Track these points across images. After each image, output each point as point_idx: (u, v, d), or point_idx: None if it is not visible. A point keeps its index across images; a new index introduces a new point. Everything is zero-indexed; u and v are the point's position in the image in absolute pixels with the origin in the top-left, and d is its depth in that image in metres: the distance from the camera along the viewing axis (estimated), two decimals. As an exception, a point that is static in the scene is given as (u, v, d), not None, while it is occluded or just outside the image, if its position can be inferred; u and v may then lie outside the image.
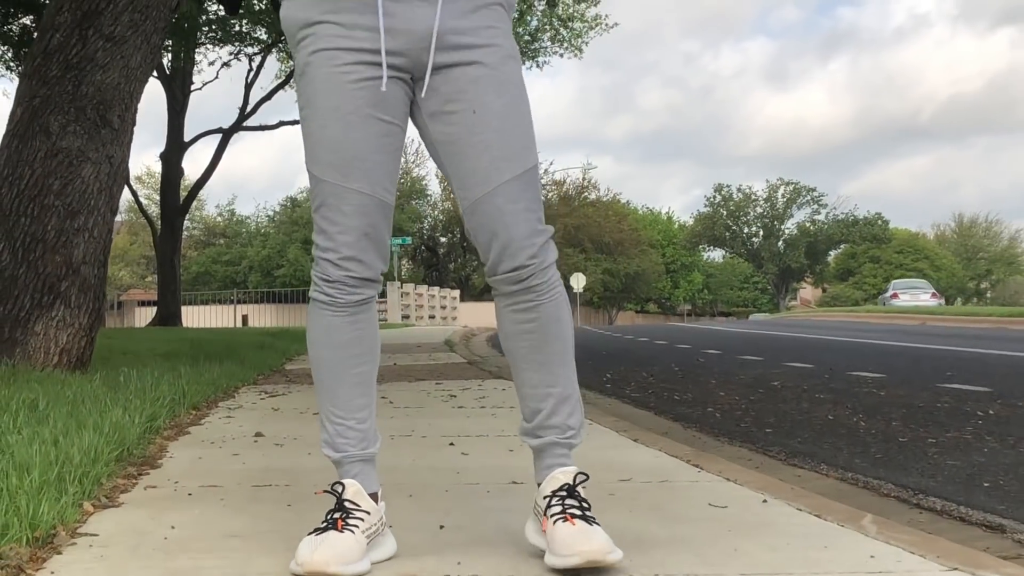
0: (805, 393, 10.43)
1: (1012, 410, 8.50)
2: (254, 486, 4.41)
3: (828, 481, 5.89)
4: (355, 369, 3.09)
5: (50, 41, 8.71)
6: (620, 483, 4.51)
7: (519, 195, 2.98)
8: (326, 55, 2.95)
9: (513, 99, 3.00)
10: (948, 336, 23.64)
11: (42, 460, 3.96)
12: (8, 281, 8.48)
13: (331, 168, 2.97)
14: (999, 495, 5.26)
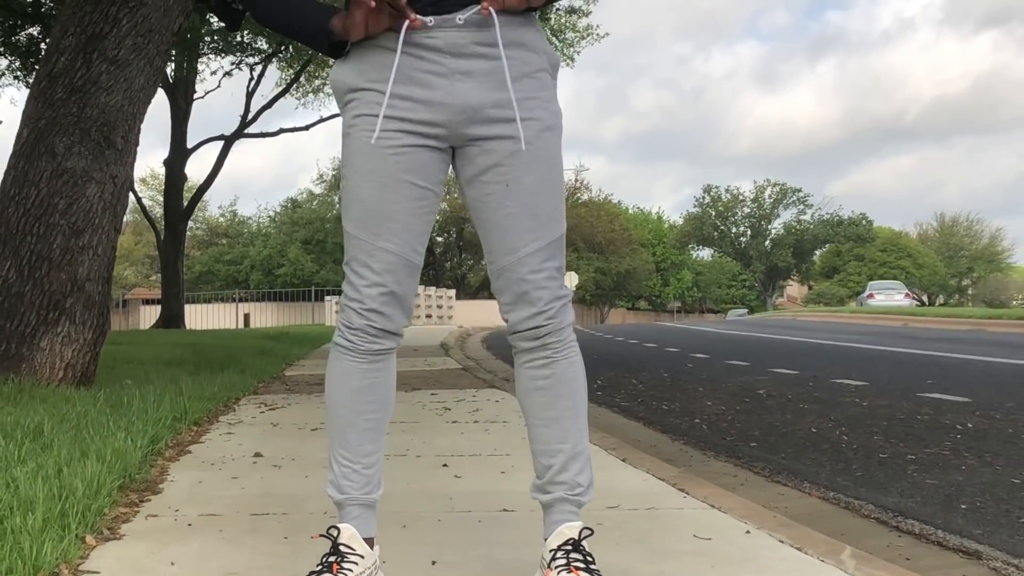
0: (789, 403, 10.43)
1: (989, 423, 8.48)
2: (252, 515, 4.39)
3: (811, 500, 5.92)
4: (367, 416, 3.10)
5: (56, 64, 8.72)
6: (608, 511, 4.50)
7: (543, 264, 3.02)
8: (367, 120, 2.97)
9: (545, 173, 3.03)
10: (928, 339, 23.57)
11: (46, 495, 3.96)
12: (14, 298, 8.48)
13: (363, 227, 2.99)
14: (976, 518, 5.26)
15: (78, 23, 8.73)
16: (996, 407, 9.52)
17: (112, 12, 8.69)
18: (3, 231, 8.62)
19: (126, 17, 8.70)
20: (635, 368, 16.57)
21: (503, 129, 2.97)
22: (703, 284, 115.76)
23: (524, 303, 3.02)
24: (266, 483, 5.17)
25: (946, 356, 17.18)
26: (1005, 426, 8.27)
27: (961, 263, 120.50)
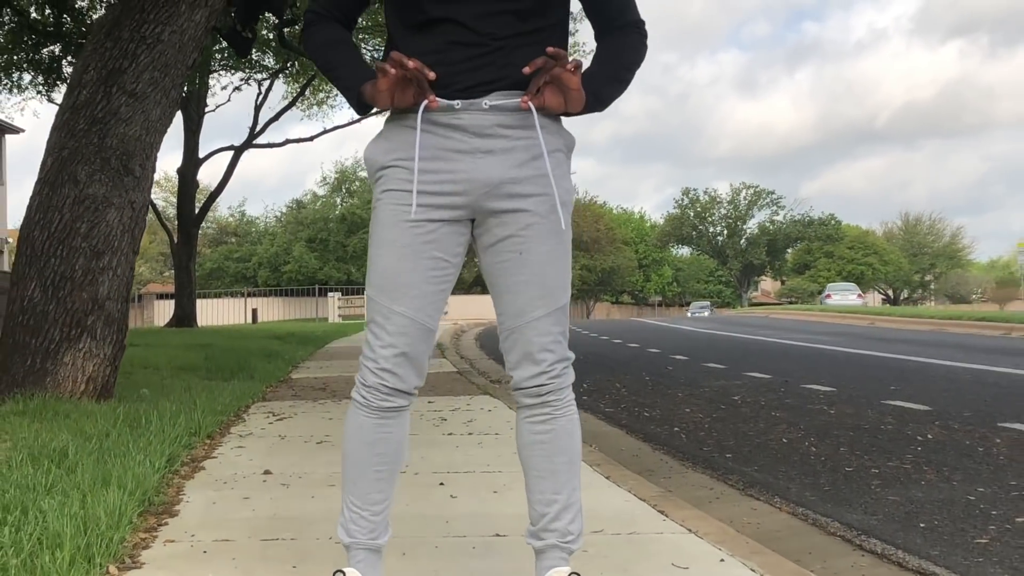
0: (762, 410, 10.44)
1: (949, 433, 8.48)
2: (263, 540, 4.42)
3: (781, 516, 5.94)
4: (377, 467, 3.14)
5: (78, 97, 8.74)
6: (593, 535, 4.51)
7: (549, 328, 3.07)
8: (393, 195, 3.03)
9: (555, 246, 3.08)
10: (893, 341, 23.56)
11: (72, 528, 4.00)
12: (39, 316, 8.51)
13: (382, 292, 3.04)
14: (934, 537, 5.28)
15: (99, 59, 8.76)
16: (954, 416, 9.53)
17: (131, 48, 8.71)
18: (29, 253, 8.65)
19: (144, 53, 8.72)
20: (619, 371, 16.56)
21: (520, 203, 3.03)
22: (683, 279, 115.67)
23: (530, 362, 3.07)
24: (275, 504, 5.19)
25: (909, 360, 17.14)
26: (963, 437, 8.28)
27: (924, 260, 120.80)
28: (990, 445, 7.87)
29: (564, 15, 3.11)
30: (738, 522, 5.77)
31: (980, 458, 7.37)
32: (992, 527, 5.41)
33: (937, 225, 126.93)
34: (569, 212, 3.14)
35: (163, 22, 8.78)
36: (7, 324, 8.68)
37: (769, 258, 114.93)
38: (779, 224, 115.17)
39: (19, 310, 8.59)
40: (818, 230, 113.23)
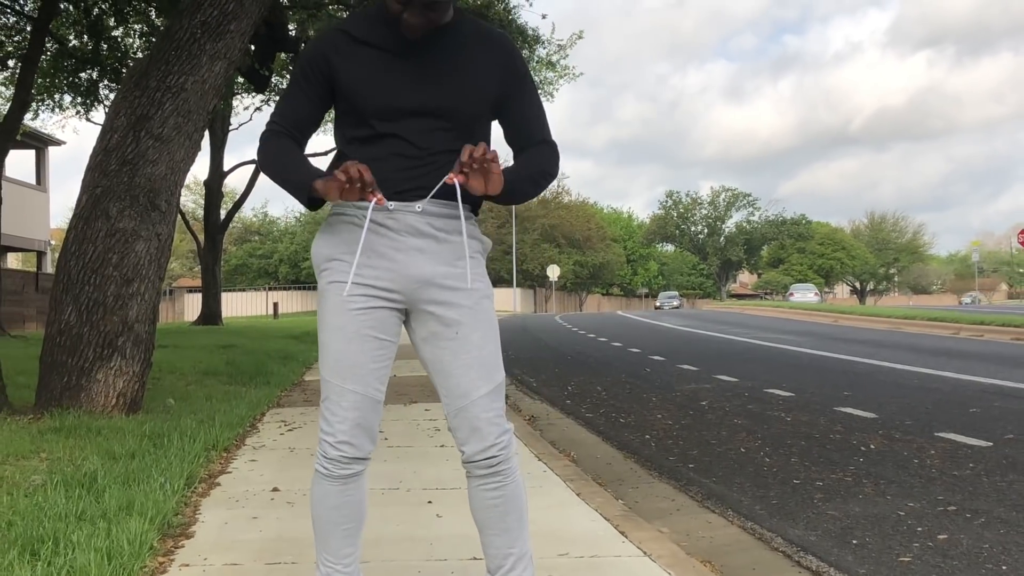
0: (726, 417, 10.49)
1: (890, 443, 8.52)
2: (266, 564, 4.54)
3: (732, 530, 5.99)
4: (343, 526, 3.29)
5: (109, 140, 8.87)
6: (558, 559, 4.63)
7: (490, 405, 3.22)
8: (337, 286, 3.18)
9: (488, 331, 3.24)
10: (852, 341, 23.56)
11: (98, 559, 4.13)
12: (75, 338, 8.65)
13: (334, 372, 3.19)
14: (863, 555, 5.32)
15: (129, 106, 8.88)
16: (897, 424, 9.56)
17: (157, 97, 8.84)
18: (65, 281, 8.78)
19: (169, 101, 8.85)
20: (601, 372, 16.61)
21: (450, 296, 3.18)
22: (667, 273, 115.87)
23: (477, 437, 3.21)
24: (280, 524, 5.30)
25: (863, 363, 17.14)
26: (902, 448, 8.31)
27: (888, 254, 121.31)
28: (924, 456, 7.91)
29: (486, 136, 3.28)
30: (694, 535, 5.87)
31: (914, 470, 7.41)
32: (916, 544, 5.46)
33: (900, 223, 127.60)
34: (492, 303, 3.31)
35: (186, 73, 8.90)
36: (46, 345, 8.82)
37: (746, 255, 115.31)
38: (755, 224, 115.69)
39: (56, 332, 8.73)
40: (790, 229, 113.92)
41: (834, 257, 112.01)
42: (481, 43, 3.22)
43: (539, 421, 10.39)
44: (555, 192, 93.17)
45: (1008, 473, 7.24)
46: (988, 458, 7.81)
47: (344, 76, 3.17)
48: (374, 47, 3.16)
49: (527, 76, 3.31)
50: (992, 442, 8.47)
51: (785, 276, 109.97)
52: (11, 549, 4.32)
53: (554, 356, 20.72)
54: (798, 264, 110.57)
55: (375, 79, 3.14)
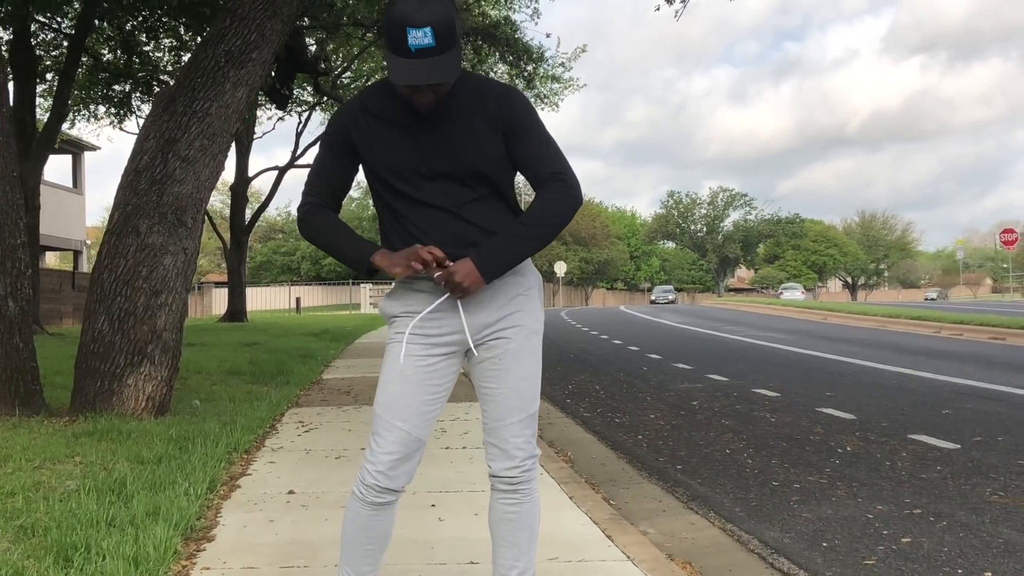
0: (715, 417, 10.55)
1: (865, 445, 8.56)
2: (281, 567, 4.65)
3: (713, 532, 6.06)
4: (367, 546, 3.43)
5: (140, 161, 9.01)
6: (548, 563, 4.73)
7: (522, 431, 3.38)
8: (401, 337, 3.34)
9: (529, 365, 3.39)
10: (838, 340, 23.50)
11: (125, 566, 4.27)
12: (107, 345, 8.79)
13: (386, 409, 3.34)
14: (832, 557, 5.39)
15: (158, 129, 9.02)
16: (873, 426, 9.60)
17: (184, 121, 8.98)
18: (99, 292, 8.92)
19: (195, 125, 8.98)
20: (600, 371, 16.65)
21: (501, 334, 3.34)
22: (669, 268, 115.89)
23: (505, 457, 3.37)
24: (295, 527, 5.41)
25: (847, 362, 17.11)
26: (875, 450, 8.36)
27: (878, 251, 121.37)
28: (896, 459, 7.98)
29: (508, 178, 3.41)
30: (677, 536, 5.97)
31: (886, 473, 7.48)
32: (880, 547, 5.55)
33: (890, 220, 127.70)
34: (540, 337, 3.45)
35: (211, 99, 9.04)
36: (80, 352, 8.96)
37: (743, 252, 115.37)
38: (751, 222, 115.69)
39: (90, 340, 8.88)
40: (785, 227, 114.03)
41: (827, 254, 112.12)
42: (481, 103, 3.30)
43: (540, 420, 10.50)
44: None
45: (972, 476, 7.31)
46: (955, 461, 7.89)
47: (364, 149, 3.30)
48: (387, 121, 3.29)
49: (526, 122, 3.33)
50: (960, 444, 8.55)
51: (780, 272, 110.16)
52: (47, 556, 4.46)
53: (557, 353, 20.78)
54: (793, 260, 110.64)
55: (390, 150, 3.27)
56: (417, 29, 3.01)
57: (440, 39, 3.04)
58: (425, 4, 3.03)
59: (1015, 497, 6.64)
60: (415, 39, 3.02)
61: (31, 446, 7.14)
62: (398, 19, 3.02)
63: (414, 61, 3.04)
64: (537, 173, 3.32)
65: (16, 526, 4.99)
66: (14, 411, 8.51)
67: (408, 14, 3.01)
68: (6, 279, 8.62)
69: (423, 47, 3.03)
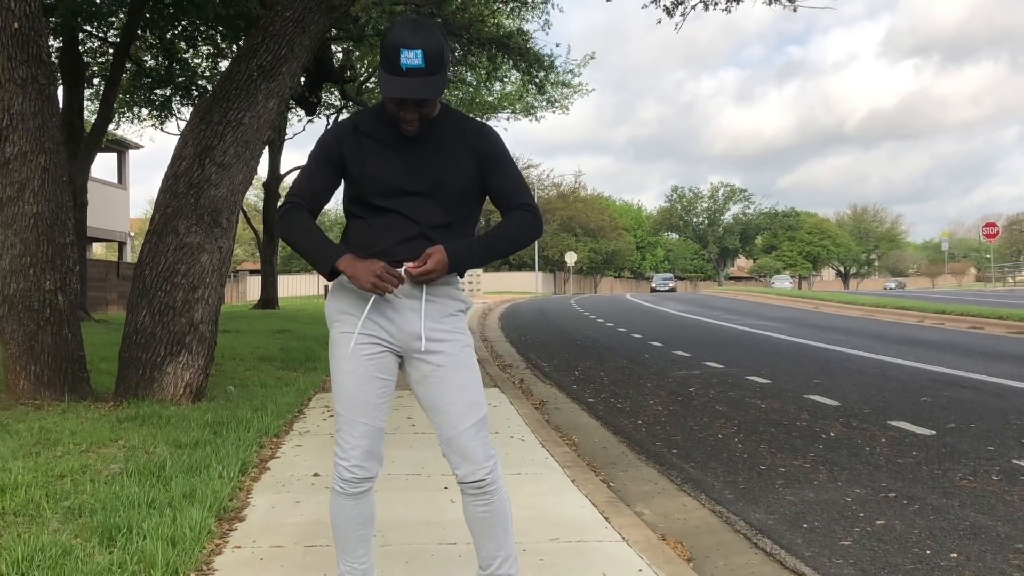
0: (709, 403, 10.58)
1: (848, 432, 8.58)
2: (305, 546, 4.74)
3: (703, 513, 6.11)
4: (357, 532, 3.52)
5: (179, 167, 9.10)
6: (549, 543, 4.82)
7: (476, 435, 3.44)
8: (347, 337, 3.42)
9: (469, 374, 3.46)
10: (828, 329, 23.38)
11: (163, 546, 4.37)
12: (148, 336, 8.90)
13: (347, 408, 3.43)
14: (811, 538, 5.44)
15: (195, 137, 9.12)
16: (856, 412, 9.61)
17: (219, 130, 9.07)
18: (140, 287, 9.03)
19: (230, 133, 9.07)
20: (605, 357, 16.67)
21: (437, 346, 3.41)
22: (672, 258, 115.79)
23: (468, 462, 3.43)
24: (318, 508, 5.47)
25: (835, 350, 17.04)
26: (856, 436, 8.39)
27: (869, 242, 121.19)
28: (876, 444, 8.02)
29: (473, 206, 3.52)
30: (670, 517, 6.03)
31: (865, 458, 7.51)
32: (856, 529, 5.60)
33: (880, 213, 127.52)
34: (472, 350, 3.54)
35: (244, 109, 9.13)
36: (124, 343, 9.07)
37: (742, 243, 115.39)
38: (750, 216, 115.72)
39: (132, 331, 8.99)
40: (782, 220, 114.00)
41: (821, 245, 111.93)
42: (462, 135, 3.44)
43: (547, 405, 10.59)
44: (572, 187, 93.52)
45: (945, 461, 7.35)
46: (930, 446, 7.93)
47: (351, 162, 3.41)
48: (377, 140, 3.41)
49: (501, 156, 3.48)
50: (936, 431, 8.58)
51: (777, 262, 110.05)
52: (93, 536, 4.57)
53: (566, 341, 20.84)
54: (789, 251, 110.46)
55: (376, 166, 3.38)
56: (410, 51, 3.16)
57: (429, 62, 3.18)
58: (419, 31, 3.20)
59: (983, 482, 6.69)
60: (407, 59, 3.17)
61: (79, 431, 7.26)
62: (394, 41, 3.18)
63: (404, 79, 3.19)
64: (510, 200, 3.46)
65: (65, 507, 5.10)
66: (63, 397, 8.64)
67: (403, 38, 3.17)
68: (56, 275, 8.75)
69: (413, 67, 3.17)
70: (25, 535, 4.54)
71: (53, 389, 8.67)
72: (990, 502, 6.14)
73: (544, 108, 30.26)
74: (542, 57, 23.34)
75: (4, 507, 5.04)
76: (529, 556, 4.57)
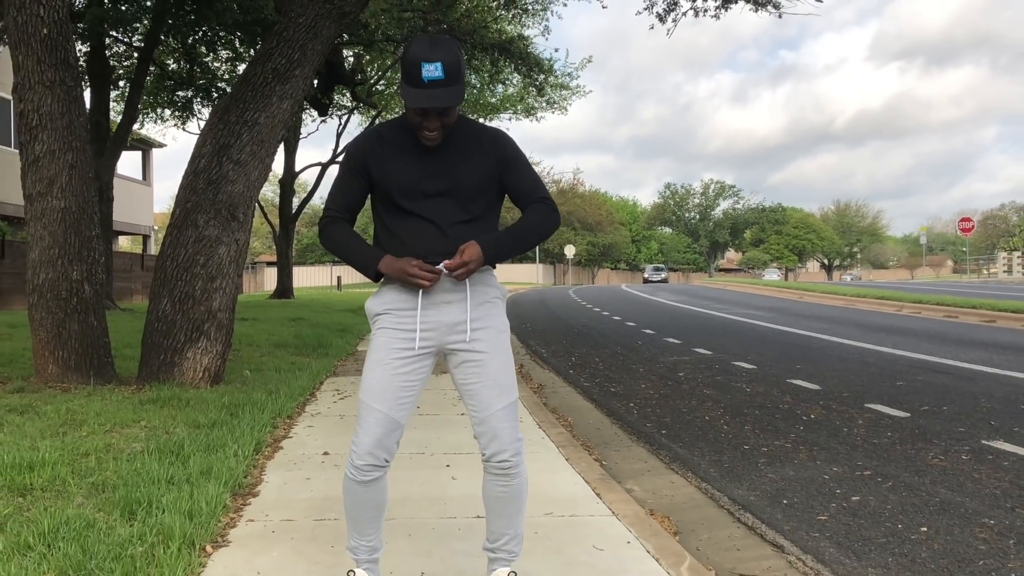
0: (697, 387, 10.59)
1: (827, 414, 8.58)
2: (315, 520, 4.75)
3: (689, 489, 6.10)
4: (368, 513, 3.52)
5: (198, 164, 9.11)
6: (544, 517, 4.82)
7: (506, 417, 3.44)
8: (385, 332, 3.44)
9: (503, 360, 3.46)
10: (810, 317, 23.37)
11: (181, 519, 4.38)
12: (169, 324, 8.92)
13: (367, 394, 3.43)
14: (790, 514, 5.45)
15: (214, 136, 9.13)
16: (835, 396, 9.62)
17: (236, 129, 9.08)
18: (162, 278, 9.05)
19: (246, 133, 9.08)
20: (600, 344, 16.68)
21: (475, 335, 3.42)
22: (666, 251, 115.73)
23: (497, 442, 3.43)
24: (328, 484, 5.50)
25: (816, 337, 17.05)
26: (835, 418, 8.39)
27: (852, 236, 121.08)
28: (853, 426, 8.01)
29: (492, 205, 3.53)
30: (659, 494, 6.03)
31: (843, 438, 7.50)
32: (833, 505, 5.60)
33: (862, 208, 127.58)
34: (508, 336, 3.54)
35: (260, 110, 9.13)
36: (146, 329, 9.10)
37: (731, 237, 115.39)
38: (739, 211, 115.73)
39: (154, 319, 9.01)
40: (769, 215, 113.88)
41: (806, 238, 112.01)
42: (478, 141, 3.47)
43: (545, 389, 10.61)
44: (571, 184, 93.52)
45: (918, 441, 7.36)
46: (904, 427, 7.93)
47: (375, 169, 3.44)
48: (398, 147, 3.43)
49: (516, 157, 3.52)
50: (910, 413, 8.59)
51: (764, 254, 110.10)
52: (115, 510, 4.59)
53: (564, 329, 20.85)
54: (776, 244, 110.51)
55: (398, 170, 3.41)
56: (430, 64, 3.19)
57: (448, 74, 3.22)
58: (437, 46, 3.23)
59: (953, 461, 6.69)
60: (428, 72, 3.20)
61: (103, 412, 7.28)
62: (415, 57, 3.21)
63: (427, 90, 3.22)
64: (529, 196, 3.50)
65: (89, 483, 5.12)
66: (89, 381, 8.67)
67: (423, 53, 3.20)
68: (82, 266, 8.77)
69: (434, 79, 3.20)
70: (52, 509, 4.56)
71: (79, 373, 8.70)
72: (959, 480, 6.15)
73: (544, 109, 30.31)
74: (542, 61, 23.33)
75: (33, 483, 5.06)
76: (526, 529, 4.58)
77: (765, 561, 4.70)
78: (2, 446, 5.88)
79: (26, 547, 4.00)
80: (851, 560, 4.66)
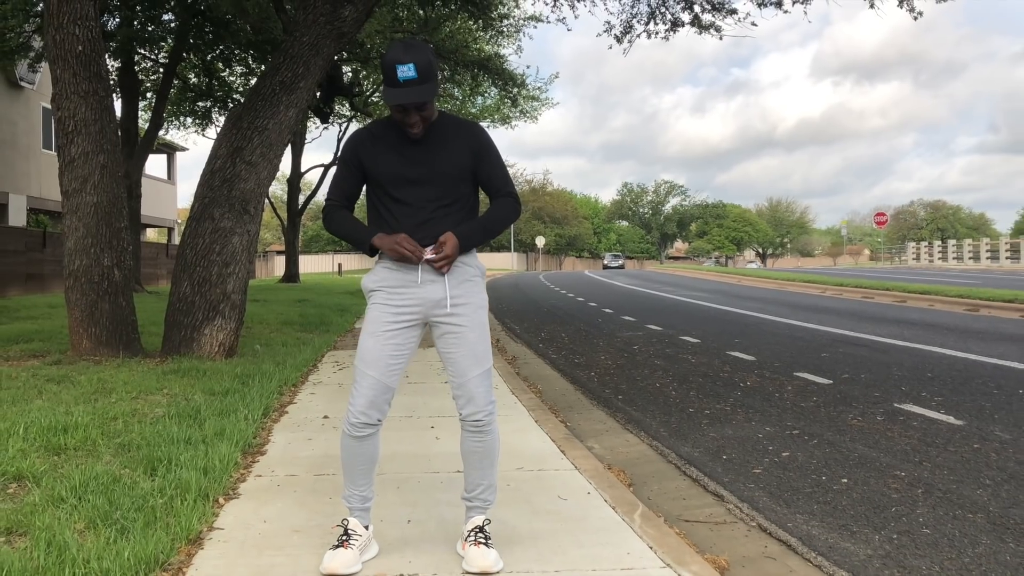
0: (649, 359, 10.56)
1: (761, 381, 8.56)
2: (315, 475, 4.69)
3: (642, 447, 6.06)
4: (360, 467, 3.46)
5: (214, 164, 8.99)
6: (516, 471, 4.77)
7: (481, 382, 3.39)
8: (377, 307, 3.39)
9: (481, 332, 3.41)
10: (747, 299, 23.33)
11: (197, 474, 4.33)
12: (189, 304, 8.82)
13: (361, 360, 3.37)
14: (730, 467, 5.43)
15: (228, 140, 9.01)
16: (768, 366, 9.62)
17: (248, 134, 8.96)
18: (182, 264, 8.93)
19: (256, 137, 8.97)
20: (566, 322, 16.62)
21: (456, 309, 3.36)
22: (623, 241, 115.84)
23: (472, 404, 3.38)
24: (327, 444, 5.44)
25: (752, 316, 17.04)
26: (768, 385, 8.37)
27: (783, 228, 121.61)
28: (783, 392, 8.00)
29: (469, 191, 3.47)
30: (616, 451, 5.99)
31: (775, 402, 7.49)
32: (766, 460, 5.59)
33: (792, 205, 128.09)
34: (486, 310, 3.48)
35: (268, 117, 9.02)
36: (169, 309, 8.98)
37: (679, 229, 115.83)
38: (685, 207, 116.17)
39: (176, 299, 8.90)
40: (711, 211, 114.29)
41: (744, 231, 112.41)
42: (457, 133, 3.42)
43: (518, 360, 10.55)
44: (541, 183, 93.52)
45: (839, 405, 7.36)
46: (828, 393, 7.93)
47: (366, 161, 3.39)
48: (387, 143, 3.39)
49: (489, 150, 3.47)
50: (832, 380, 8.59)
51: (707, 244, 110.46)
52: (138, 467, 4.51)
53: (535, 309, 20.80)
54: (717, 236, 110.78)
55: (385, 161, 3.36)
56: (403, 65, 3.16)
57: (421, 73, 3.18)
58: (410, 49, 3.19)
59: (869, 422, 6.70)
60: (403, 72, 3.16)
61: (130, 381, 7.18)
62: (391, 60, 3.19)
63: (402, 89, 3.18)
64: (497, 189, 3.48)
65: (117, 443, 5.04)
66: (118, 354, 8.56)
67: (398, 56, 3.17)
68: (113, 254, 8.64)
69: (408, 78, 3.17)
70: (83, 466, 4.48)
71: (110, 348, 8.59)
72: (875, 438, 6.15)
73: (517, 118, 30.20)
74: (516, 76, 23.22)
75: (66, 443, 4.97)
76: (499, 482, 4.53)
77: (707, 509, 4.69)
78: (40, 411, 5.79)
79: (59, 499, 3.92)
80: (782, 507, 4.64)
